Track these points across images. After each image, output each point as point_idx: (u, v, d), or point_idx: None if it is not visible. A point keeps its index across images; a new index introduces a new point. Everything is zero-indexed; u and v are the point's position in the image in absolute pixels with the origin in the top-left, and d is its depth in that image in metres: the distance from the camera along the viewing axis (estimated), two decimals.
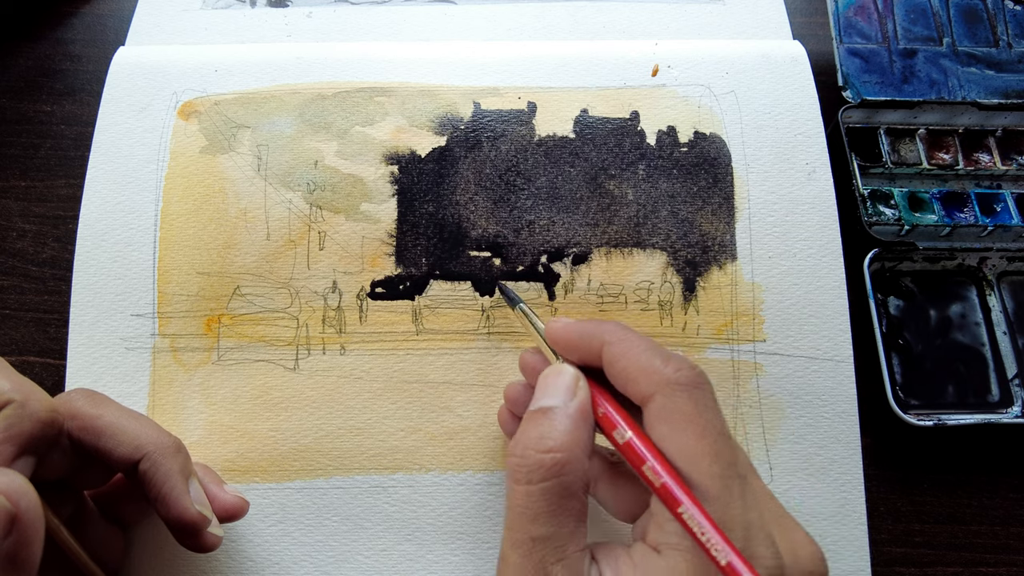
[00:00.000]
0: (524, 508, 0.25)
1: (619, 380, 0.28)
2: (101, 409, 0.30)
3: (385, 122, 0.41)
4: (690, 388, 0.26)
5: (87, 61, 0.49)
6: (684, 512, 0.24)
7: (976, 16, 0.48)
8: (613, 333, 0.28)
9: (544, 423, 0.27)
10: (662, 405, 0.26)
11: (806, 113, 0.42)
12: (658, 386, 0.26)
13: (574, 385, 0.28)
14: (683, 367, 0.27)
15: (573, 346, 0.30)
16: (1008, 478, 0.40)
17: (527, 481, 0.25)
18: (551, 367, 0.30)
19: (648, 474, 0.26)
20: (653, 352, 0.27)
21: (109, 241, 0.39)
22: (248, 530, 0.36)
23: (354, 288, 0.39)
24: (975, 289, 0.44)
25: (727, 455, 0.26)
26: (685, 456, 0.25)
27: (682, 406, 0.26)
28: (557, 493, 0.25)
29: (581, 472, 0.26)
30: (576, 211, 0.40)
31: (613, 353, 0.28)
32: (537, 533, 0.25)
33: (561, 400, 0.27)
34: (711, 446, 0.26)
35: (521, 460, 0.26)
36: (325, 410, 0.38)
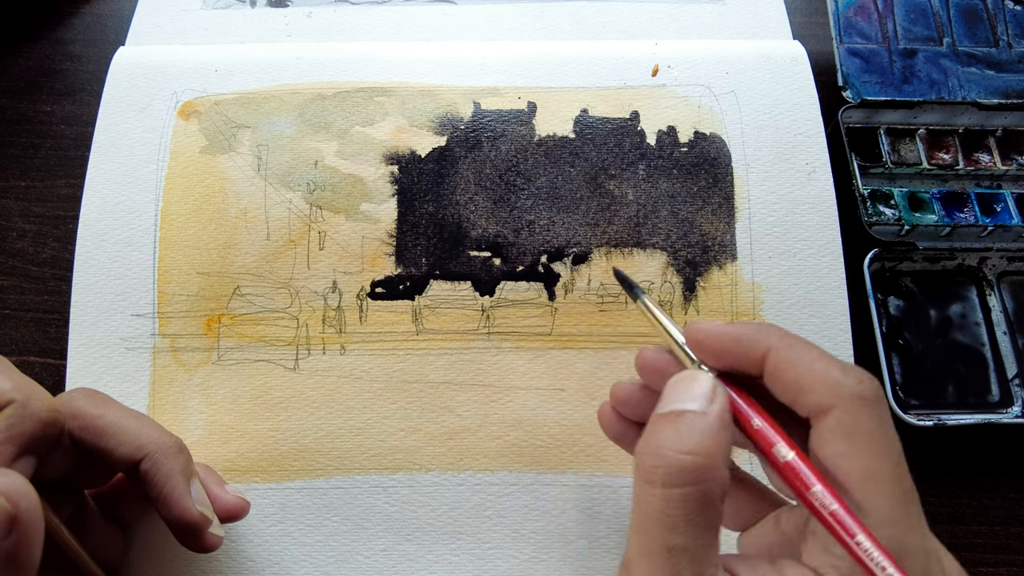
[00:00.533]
0: (661, 514, 0.23)
1: (787, 390, 0.26)
2: (102, 409, 0.30)
3: (385, 122, 0.41)
4: (873, 403, 0.24)
5: (87, 61, 0.49)
6: (861, 544, 0.22)
7: (976, 16, 0.48)
8: (781, 338, 0.26)
9: (681, 425, 0.24)
10: (841, 420, 0.24)
11: (806, 113, 0.42)
12: (838, 399, 0.24)
13: (711, 392, 0.25)
14: (864, 379, 0.25)
15: (726, 352, 0.27)
16: (1008, 478, 0.40)
17: (664, 484, 0.23)
18: (684, 372, 0.27)
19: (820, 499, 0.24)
20: (830, 361, 0.25)
21: (109, 241, 0.39)
22: (248, 530, 0.36)
23: (354, 288, 0.39)
24: (975, 289, 0.44)
25: (906, 479, 0.24)
26: (865, 476, 0.24)
27: (865, 422, 0.24)
28: (698, 500, 0.23)
29: (722, 480, 0.24)
30: (576, 211, 0.40)
31: (782, 360, 0.26)
32: (674, 543, 0.23)
33: (699, 405, 0.25)
34: (894, 468, 0.24)
35: (658, 460, 0.23)
36: (325, 410, 0.38)
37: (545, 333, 0.39)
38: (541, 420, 0.38)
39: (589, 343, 0.38)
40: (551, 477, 0.37)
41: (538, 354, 0.38)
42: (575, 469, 0.37)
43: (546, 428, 0.38)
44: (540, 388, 0.38)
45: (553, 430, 0.38)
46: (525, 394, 0.38)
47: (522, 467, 0.37)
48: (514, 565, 0.36)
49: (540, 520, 0.37)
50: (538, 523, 0.37)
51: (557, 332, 0.39)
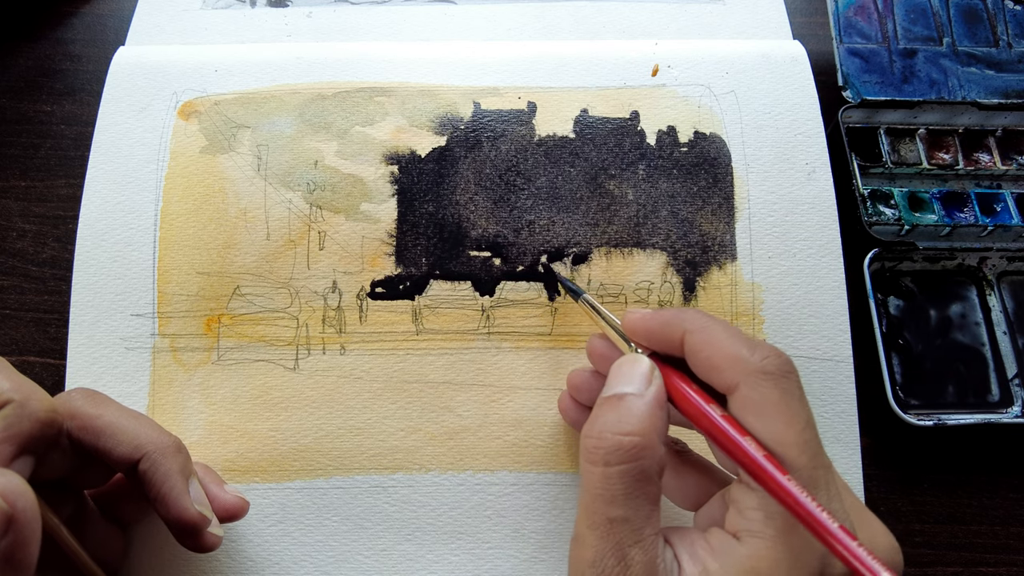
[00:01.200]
0: (602, 490, 0.25)
1: (702, 368, 0.28)
2: (101, 409, 0.30)
3: (385, 122, 0.41)
4: (777, 376, 0.26)
5: (87, 61, 0.49)
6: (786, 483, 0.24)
7: (976, 16, 0.48)
8: (695, 321, 0.28)
9: (621, 408, 0.27)
10: (748, 394, 0.26)
11: (806, 113, 0.42)
12: (744, 375, 0.26)
13: (650, 374, 0.28)
14: (770, 355, 0.27)
15: (653, 335, 0.30)
16: (1008, 478, 0.40)
17: (604, 463, 0.26)
18: (625, 356, 0.30)
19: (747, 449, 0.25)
20: (738, 340, 0.27)
21: (109, 241, 0.39)
22: (248, 530, 0.36)
23: (354, 288, 0.39)
24: (975, 289, 0.44)
25: (814, 445, 0.26)
26: (773, 444, 0.26)
27: (769, 395, 0.26)
28: (634, 476, 0.25)
29: (658, 457, 0.26)
30: (576, 211, 0.40)
31: (696, 341, 0.28)
32: (614, 514, 0.25)
33: (637, 387, 0.27)
34: (799, 435, 0.25)
35: (599, 442, 0.26)
36: (325, 410, 0.38)
37: (545, 333, 0.39)
38: (541, 420, 0.38)
39: None
40: (551, 477, 0.37)
41: (538, 354, 0.38)
42: (575, 469, 0.37)
43: (546, 428, 0.38)
44: (540, 388, 0.38)
45: (553, 430, 0.38)
46: (525, 394, 0.38)
47: (522, 467, 0.37)
48: (514, 565, 0.36)
49: (540, 520, 0.37)
50: (538, 523, 0.37)
51: (557, 332, 0.39)
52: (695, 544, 0.26)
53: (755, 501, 0.26)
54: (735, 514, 0.26)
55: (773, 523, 0.25)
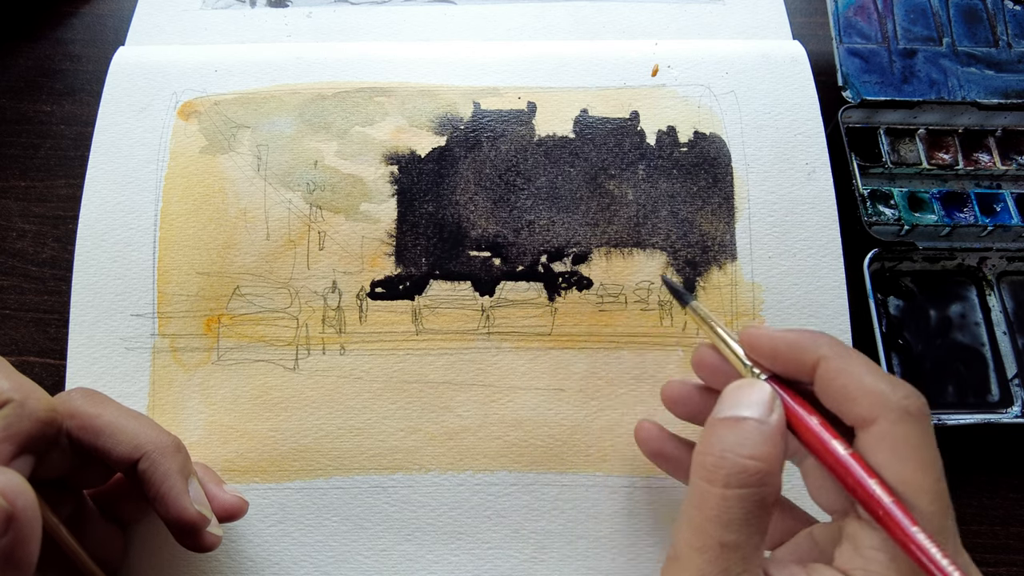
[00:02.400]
0: (718, 512, 0.24)
1: (835, 398, 0.27)
2: (100, 408, 0.30)
3: (385, 122, 0.41)
4: (918, 417, 0.25)
5: (87, 61, 0.49)
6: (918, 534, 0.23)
7: (976, 16, 0.48)
8: (833, 348, 0.27)
9: (742, 431, 0.25)
10: (887, 431, 0.25)
11: (806, 113, 0.42)
12: (884, 411, 0.25)
13: (771, 402, 0.26)
14: (911, 395, 0.26)
15: (779, 356, 0.28)
16: (1008, 478, 0.40)
17: (725, 484, 0.24)
18: (743, 380, 0.28)
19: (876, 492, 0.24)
20: (879, 374, 0.26)
21: (109, 241, 0.39)
22: (248, 530, 0.36)
23: (354, 288, 0.39)
24: (975, 289, 0.44)
25: (945, 496, 0.25)
26: (908, 487, 0.24)
27: (909, 436, 0.25)
28: (754, 503, 0.24)
29: (777, 487, 0.25)
30: (576, 211, 0.40)
31: (832, 369, 0.27)
32: (728, 539, 0.24)
33: (758, 413, 0.26)
34: (934, 484, 0.25)
35: (720, 461, 0.25)
36: (325, 410, 0.38)
37: (545, 333, 0.39)
38: (541, 420, 0.38)
39: (589, 343, 0.38)
40: (551, 477, 0.37)
41: (538, 354, 0.38)
42: (575, 469, 0.37)
43: (546, 428, 0.38)
44: (540, 388, 0.38)
45: (553, 430, 0.38)
46: (525, 394, 0.38)
47: (522, 467, 0.37)
48: (514, 565, 0.36)
49: (540, 520, 0.37)
50: (538, 523, 0.37)
51: (557, 332, 0.39)
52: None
53: (877, 541, 0.25)
54: (850, 552, 0.25)
55: (897, 567, 0.24)
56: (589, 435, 0.37)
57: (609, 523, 0.37)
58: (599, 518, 0.37)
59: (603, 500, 0.37)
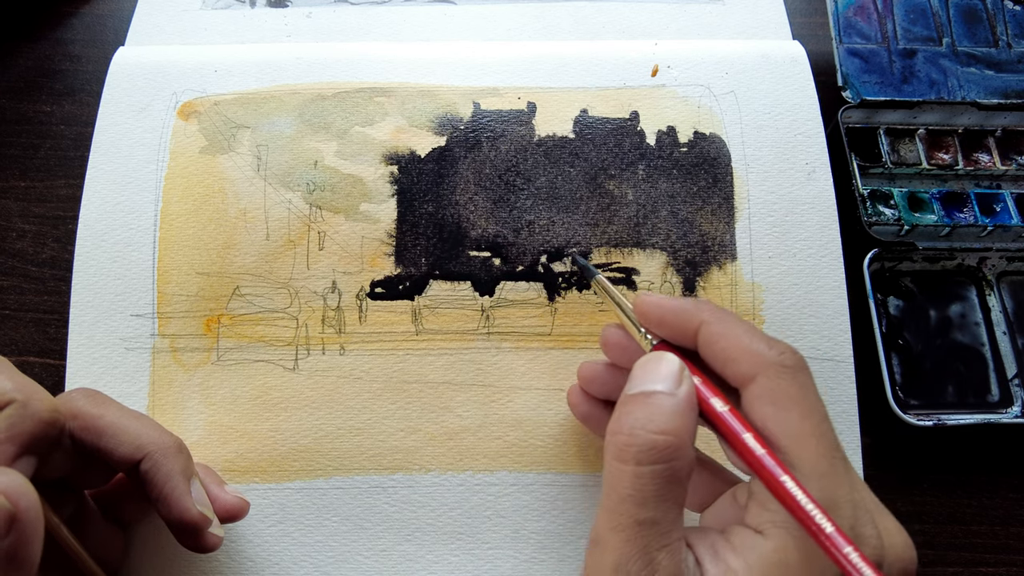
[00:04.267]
0: (632, 490, 0.24)
1: (717, 360, 0.28)
2: (102, 409, 0.30)
3: (385, 122, 0.41)
4: (795, 371, 0.26)
5: (87, 61, 0.49)
6: (786, 483, 0.24)
7: (976, 16, 0.48)
8: (713, 312, 0.28)
9: (651, 406, 0.26)
10: (766, 386, 0.26)
11: (806, 113, 0.42)
12: (762, 367, 0.26)
13: (679, 373, 0.27)
14: (786, 351, 0.27)
15: (666, 322, 0.29)
16: (1008, 478, 0.40)
17: (636, 462, 0.24)
18: (652, 354, 0.28)
19: (751, 444, 0.25)
20: (755, 334, 0.27)
21: (109, 241, 0.39)
22: (248, 530, 0.36)
23: (353, 288, 0.39)
24: (975, 289, 0.44)
25: (831, 437, 0.26)
26: (790, 436, 0.25)
27: (787, 388, 0.26)
28: (666, 478, 0.24)
29: (689, 459, 0.25)
30: (576, 211, 0.40)
31: (713, 333, 0.28)
32: (644, 517, 0.24)
33: (666, 386, 0.26)
34: (816, 426, 0.25)
35: (630, 439, 0.25)
36: (325, 410, 0.38)
37: (545, 333, 0.39)
38: (541, 420, 0.38)
39: (589, 343, 0.38)
40: (551, 477, 0.37)
41: (538, 354, 0.38)
42: (575, 469, 0.37)
43: (546, 428, 0.38)
44: (540, 388, 0.38)
45: (553, 430, 0.38)
46: (525, 394, 0.38)
47: (522, 467, 0.37)
48: (514, 565, 0.36)
49: (540, 520, 0.37)
50: (538, 523, 0.37)
51: (557, 332, 0.39)
52: (715, 544, 0.25)
53: None
54: (757, 508, 0.25)
55: None
56: (589, 435, 0.37)
57: None
58: None
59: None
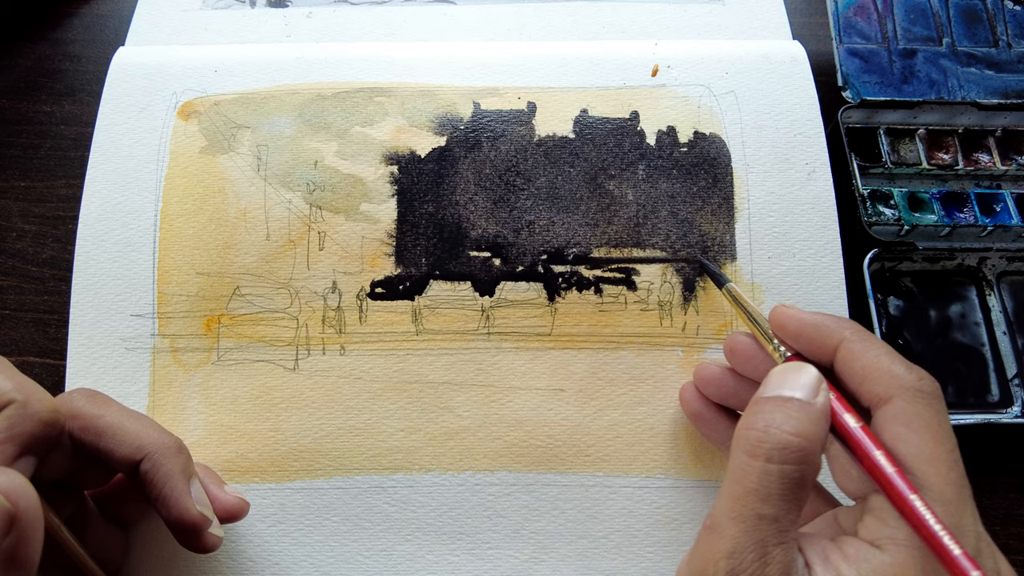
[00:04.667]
0: (758, 485, 0.25)
1: (854, 378, 0.28)
2: (102, 409, 0.30)
3: (385, 122, 0.41)
4: (931, 398, 0.26)
5: (87, 61, 0.49)
6: (915, 502, 0.24)
7: (976, 16, 0.48)
8: (855, 331, 0.29)
9: (789, 409, 0.26)
10: (902, 408, 0.26)
11: (806, 113, 0.42)
12: (899, 390, 0.26)
13: (818, 384, 0.27)
14: (925, 377, 0.27)
15: (804, 336, 0.30)
16: (1008, 478, 0.40)
17: (767, 458, 0.25)
18: (790, 363, 0.29)
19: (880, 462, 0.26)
20: (895, 357, 0.28)
21: (109, 241, 0.39)
22: (248, 530, 0.36)
23: (354, 288, 0.39)
24: (975, 289, 0.44)
25: (961, 467, 0.26)
26: (922, 459, 0.26)
27: (923, 412, 0.26)
28: (794, 479, 0.25)
29: (816, 467, 0.26)
30: (576, 211, 0.40)
31: (853, 351, 0.28)
32: (766, 512, 0.25)
33: (805, 394, 0.27)
34: (949, 454, 0.26)
35: (764, 436, 0.26)
36: (325, 410, 0.38)
37: (545, 333, 0.39)
38: (541, 420, 0.38)
39: (589, 343, 0.38)
40: (551, 477, 0.37)
41: (538, 354, 0.38)
42: (575, 469, 0.37)
43: (546, 428, 0.38)
44: (540, 388, 0.38)
45: (553, 430, 0.38)
46: (525, 394, 0.38)
47: (522, 467, 0.37)
48: (514, 565, 0.36)
49: (540, 520, 0.37)
50: (538, 523, 0.37)
51: (557, 332, 0.39)
52: (826, 550, 0.26)
53: None
54: (876, 523, 0.26)
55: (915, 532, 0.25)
56: (589, 435, 0.37)
57: (609, 523, 0.37)
58: (599, 518, 0.37)
59: (603, 500, 0.37)
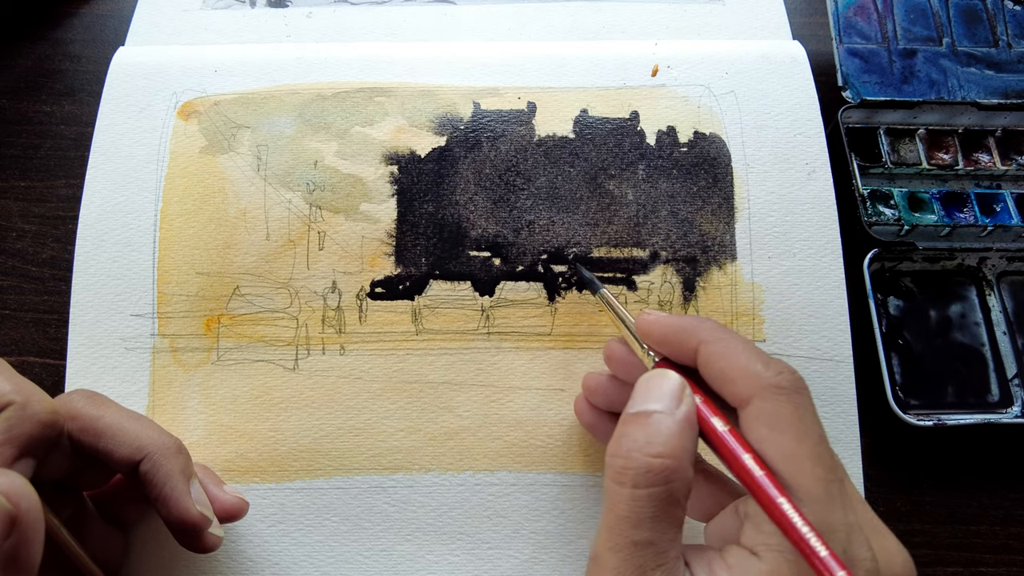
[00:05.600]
0: (628, 512, 0.25)
1: (716, 380, 0.28)
2: (102, 410, 0.30)
3: (385, 122, 0.41)
4: (791, 392, 0.26)
5: (87, 61, 0.49)
6: (783, 505, 0.24)
7: (976, 16, 0.48)
8: (712, 332, 0.28)
9: (649, 427, 0.26)
10: (762, 408, 0.26)
11: (806, 113, 0.42)
12: (758, 389, 0.26)
13: (680, 392, 0.27)
14: (784, 371, 0.27)
15: (667, 341, 0.29)
16: (1008, 478, 0.40)
17: (633, 485, 0.25)
18: (652, 372, 0.29)
19: (749, 465, 0.25)
20: (753, 355, 0.27)
21: (109, 241, 0.39)
22: (248, 530, 0.36)
23: (354, 288, 0.39)
24: (975, 289, 0.44)
25: (827, 459, 0.26)
26: (785, 458, 0.25)
27: (782, 409, 0.26)
28: (663, 500, 0.25)
29: (687, 480, 0.25)
30: (576, 211, 0.40)
31: (711, 352, 0.28)
32: (640, 538, 0.24)
33: (666, 406, 0.26)
34: (812, 449, 0.25)
35: (627, 462, 0.25)
36: (325, 410, 0.38)
37: (545, 333, 0.39)
38: (541, 420, 0.38)
39: (589, 343, 0.38)
40: (551, 477, 0.37)
41: (538, 354, 0.38)
42: (575, 469, 0.37)
43: (546, 428, 0.38)
44: (540, 388, 0.38)
45: (553, 430, 0.38)
46: (525, 394, 0.38)
47: (522, 467, 0.37)
48: (514, 565, 0.36)
49: (540, 520, 0.37)
50: (538, 523, 0.37)
51: (557, 332, 0.39)
52: (712, 563, 0.25)
53: None
54: (752, 529, 0.26)
55: None
56: (589, 435, 0.37)
57: None
58: (599, 518, 0.37)
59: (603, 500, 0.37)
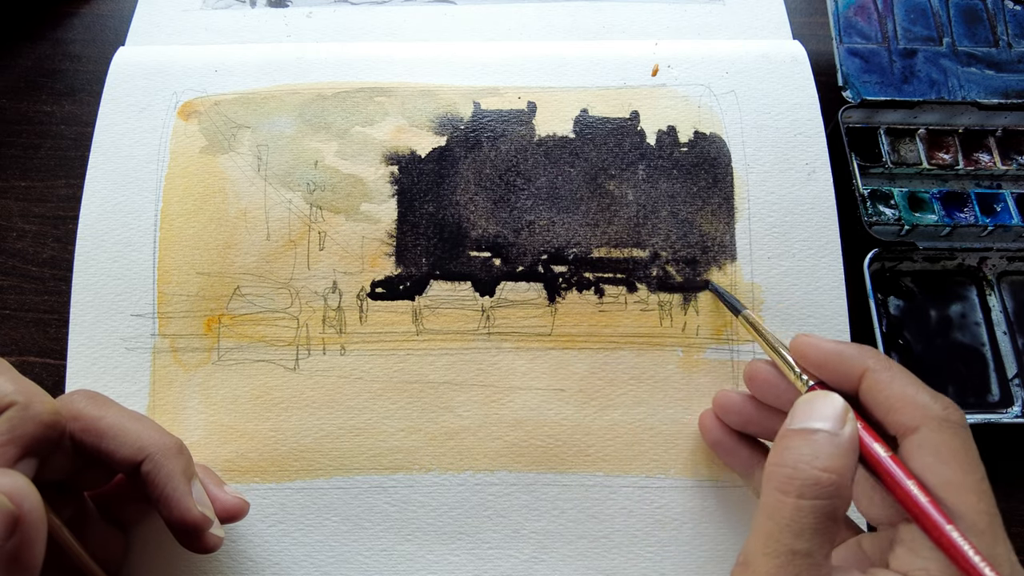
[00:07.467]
0: (791, 521, 0.25)
1: (880, 407, 0.28)
2: (103, 410, 0.30)
3: (385, 122, 0.41)
4: (958, 427, 0.27)
5: (87, 61, 0.49)
6: (951, 533, 0.24)
7: (976, 16, 0.48)
8: (878, 360, 0.29)
9: (816, 443, 0.26)
10: (929, 438, 0.26)
11: (806, 113, 0.42)
12: (926, 420, 0.27)
13: (844, 414, 0.27)
14: (950, 406, 0.27)
15: (826, 366, 0.30)
16: (1008, 478, 0.40)
17: (799, 495, 0.25)
18: (817, 393, 0.29)
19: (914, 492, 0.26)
20: (920, 386, 0.28)
21: (109, 241, 0.39)
22: (248, 530, 0.36)
23: (354, 288, 0.39)
24: (975, 289, 0.44)
25: (990, 496, 0.26)
26: (951, 488, 0.26)
27: (950, 441, 0.26)
28: (826, 513, 0.25)
29: (847, 500, 0.26)
30: (576, 211, 0.40)
31: (878, 380, 0.28)
32: (799, 547, 0.25)
33: (831, 426, 0.27)
34: (979, 483, 0.26)
35: (794, 472, 0.26)
36: (325, 410, 0.38)
37: (545, 333, 0.39)
38: (541, 420, 0.38)
39: (589, 343, 0.39)
40: (551, 477, 0.37)
41: (538, 354, 0.38)
42: (575, 469, 0.37)
43: (546, 428, 0.38)
44: (540, 388, 0.38)
45: (553, 430, 0.38)
46: (525, 394, 0.38)
47: (522, 467, 0.37)
48: (514, 565, 0.36)
49: (540, 520, 0.37)
50: (538, 523, 0.37)
51: (557, 332, 0.39)
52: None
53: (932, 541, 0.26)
54: (907, 554, 0.26)
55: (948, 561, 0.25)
56: (589, 435, 0.37)
57: (609, 523, 0.37)
58: (599, 518, 0.37)
59: (603, 500, 0.37)
